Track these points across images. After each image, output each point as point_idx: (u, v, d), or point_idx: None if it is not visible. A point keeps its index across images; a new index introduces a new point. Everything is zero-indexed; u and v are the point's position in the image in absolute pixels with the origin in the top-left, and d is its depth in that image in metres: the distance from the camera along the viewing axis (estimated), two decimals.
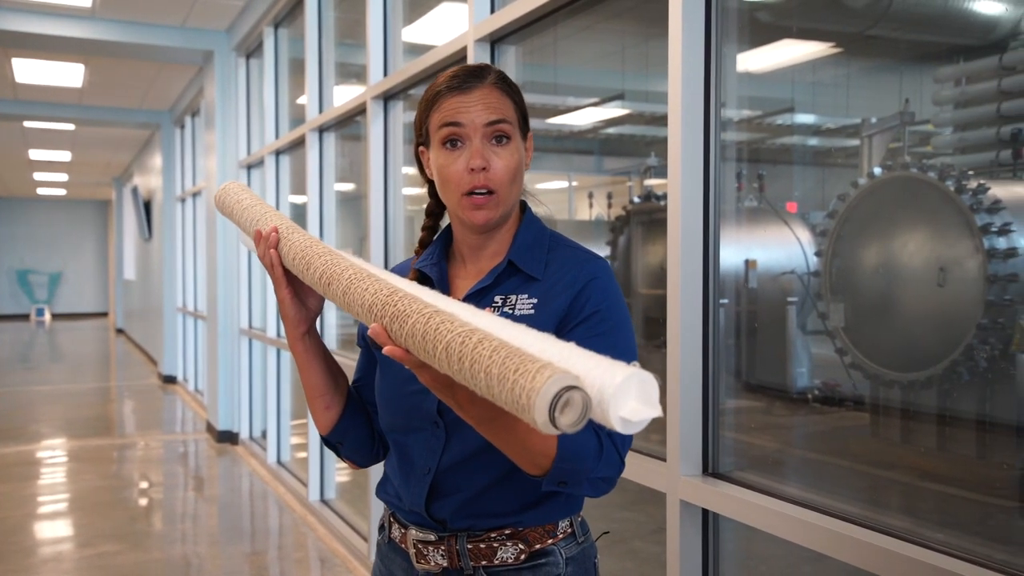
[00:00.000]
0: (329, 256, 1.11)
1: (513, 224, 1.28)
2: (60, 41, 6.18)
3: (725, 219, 2.38)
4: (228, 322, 6.67)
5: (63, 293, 22.61)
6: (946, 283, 4.00)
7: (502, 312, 1.22)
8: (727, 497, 1.73)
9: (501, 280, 1.25)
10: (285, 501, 5.12)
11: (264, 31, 5.78)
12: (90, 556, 4.11)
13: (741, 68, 4.83)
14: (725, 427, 1.95)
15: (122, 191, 16.46)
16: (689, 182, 1.84)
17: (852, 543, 1.51)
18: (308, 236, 1.20)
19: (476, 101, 1.20)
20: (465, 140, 1.20)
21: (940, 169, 4.01)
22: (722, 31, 1.86)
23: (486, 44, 2.74)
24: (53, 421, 7.88)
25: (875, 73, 6.71)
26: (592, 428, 1.09)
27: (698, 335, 1.84)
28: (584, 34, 6.37)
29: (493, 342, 0.81)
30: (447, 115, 1.20)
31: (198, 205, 8.88)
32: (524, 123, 1.26)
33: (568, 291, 1.20)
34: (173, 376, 10.12)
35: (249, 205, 1.30)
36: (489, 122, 1.20)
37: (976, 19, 5.03)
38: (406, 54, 3.79)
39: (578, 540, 1.27)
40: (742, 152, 7.33)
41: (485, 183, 1.19)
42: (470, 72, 1.23)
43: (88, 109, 9.38)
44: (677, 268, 1.81)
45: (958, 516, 3.58)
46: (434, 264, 1.30)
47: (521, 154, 1.23)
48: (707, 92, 1.84)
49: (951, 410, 3.99)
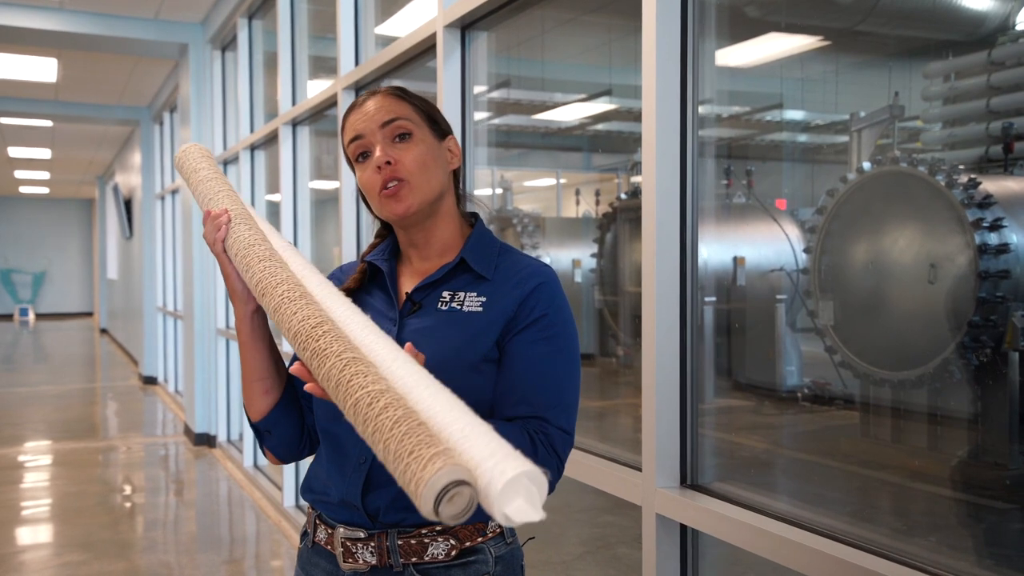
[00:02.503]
0: (268, 263, 1.11)
1: (454, 225, 1.32)
2: (28, 33, 6.01)
3: (712, 216, 2.27)
4: (205, 322, 6.52)
5: (47, 293, 22.36)
6: (937, 280, 3.90)
7: (450, 307, 1.25)
8: (707, 512, 1.61)
9: (450, 276, 1.28)
10: (261, 507, 4.98)
11: (239, 23, 5.63)
12: (56, 566, 3.96)
13: (728, 63, 4.70)
14: (710, 428, 1.83)
15: (105, 189, 16.27)
16: (664, 178, 1.71)
17: (843, 566, 1.39)
18: (254, 231, 1.18)
19: (370, 110, 1.26)
20: (370, 150, 1.25)
21: (931, 164, 3.91)
22: (699, 23, 1.74)
23: (456, 30, 2.60)
24: (33, 424, 7.71)
25: (863, 69, 6.63)
26: (526, 430, 1.17)
27: (675, 337, 1.71)
28: (569, 27, 6.25)
29: (398, 411, 0.81)
30: (349, 132, 1.28)
31: (176, 203, 8.73)
32: (435, 124, 1.30)
33: (515, 292, 1.23)
34: (154, 377, 9.96)
35: (205, 177, 1.30)
36: (384, 123, 1.25)
37: (964, 14, 4.95)
38: (379, 46, 3.66)
39: (507, 540, 1.29)
40: (730, 149, 7.23)
41: (392, 175, 1.23)
42: (367, 93, 1.30)
43: (65, 105, 9.20)
44: (652, 267, 1.69)
45: (949, 518, 3.49)
46: (385, 260, 1.33)
47: (432, 147, 1.27)
48: (683, 86, 1.73)
49: (942, 409, 3.90)
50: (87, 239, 22.61)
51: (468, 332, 1.22)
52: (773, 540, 1.50)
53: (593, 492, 1.31)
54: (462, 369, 1.20)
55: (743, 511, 1.59)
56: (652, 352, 1.70)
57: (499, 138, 8.44)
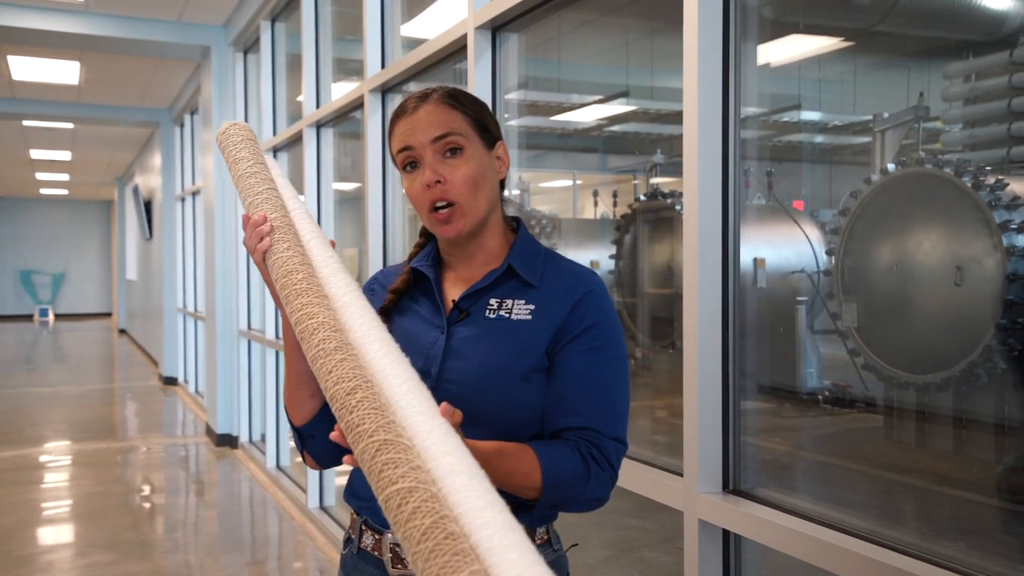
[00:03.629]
0: (305, 298, 1.09)
1: (499, 233, 1.30)
2: (54, 36, 6.06)
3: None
4: (227, 323, 6.55)
5: (66, 293, 22.53)
6: (963, 282, 3.86)
7: (498, 315, 1.23)
8: (750, 517, 1.59)
9: (498, 283, 1.26)
10: (284, 508, 4.99)
11: (261, 25, 5.65)
12: (83, 566, 3.99)
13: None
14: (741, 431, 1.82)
15: (124, 191, 16.38)
16: (706, 180, 1.70)
17: (890, 572, 1.38)
18: (294, 249, 1.16)
19: (422, 120, 1.23)
20: (419, 161, 1.23)
21: (956, 164, 3.88)
22: (741, 22, 1.72)
23: (487, 31, 2.60)
24: (53, 424, 7.77)
25: (882, 69, 6.58)
26: (578, 451, 1.17)
27: (717, 342, 1.70)
28: (587, 29, 6.24)
29: (426, 519, 0.81)
30: (398, 141, 1.25)
31: (197, 204, 8.77)
32: (485, 133, 1.27)
33: (565, 302, 1.23)
34: (174, 378, 10.01)
35: (246, 171, 1.27)
36: (435, 138, 1.22)
37: (985, 14, 4.91)
38: (405, 48, 3.66)
39: (554, 547, 1.28)
40: (745, 149, 7.19)
41: (442, 195, 1.21)
42: (418, 96, 1.27)
43: (86, 107, 9.27)
44: (694, 269, 1.67)
45: (977, 523, 3.45)
46: (429, 266, 1.31)
47: (481, 162, 1.24)
48: (725, 87, 1.71)
49: (968, 412, 3.87)
50: (106, 240, 22.77)
51: (517, 341, 1.21)
52: (822, 546, 1.48)
53: (616, 495, 1.31)
54: (511, 378, 1.20)
55: (789, 517, 1.58)
56: (694, 356, 1.69)
57: (517, 139, 8.43)
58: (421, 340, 1.26)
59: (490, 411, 1.20)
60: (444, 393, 1.21)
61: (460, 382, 1.21)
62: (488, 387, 1.20)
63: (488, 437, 1.19)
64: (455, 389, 1.21)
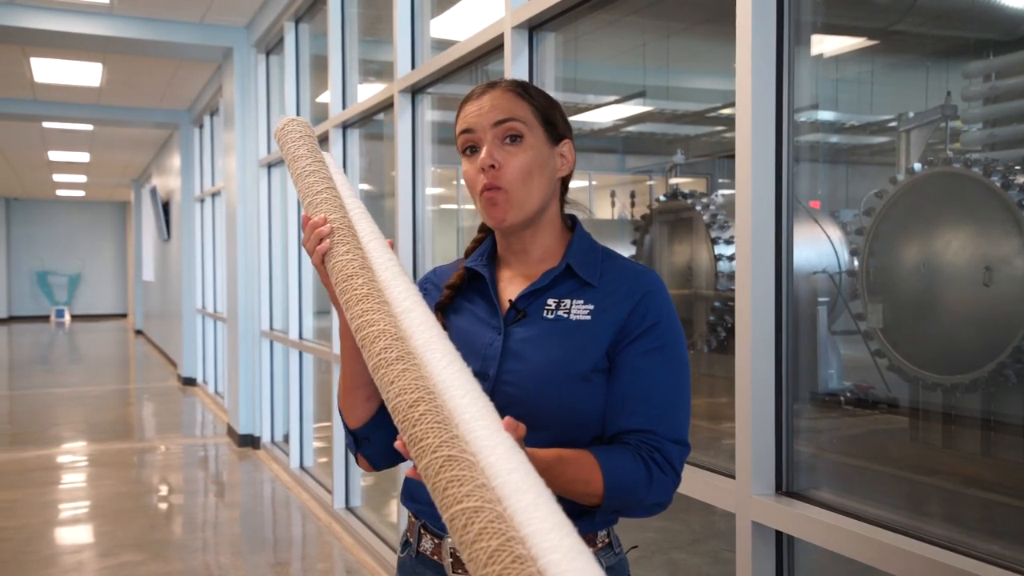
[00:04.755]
0: (365, 303, 1.08)
1: (556, 231, 1.29)
2: (78, 39, 6.10)
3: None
4: (249, 324, 6.57)
5: (82, 294, 22.67)
6: (992, 282, 3.83)
7: (556, 315, 1.22)
8: (805, 519, 1.58)
9: (555, 283, 1.25)
10: (309, 508, 5.00)
11: (285, 26, 5.67)
12: (112, 566, 4.00)
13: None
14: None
15: (141, 192, 16.46)
16: (760, 182, 1.69)
17: (951, 572, 1.36)
18: (353, 254, 1.14)
19: (486, 105, 1.23)
20: (479, 145, 1.23)
21: (985, 164, 3.85)
22: (795, 25, 1.71)
23: (524, 31, 2.59)
24: (73, 424, 7.81)
25: (900, 69, 6.54)
26: (640, 456, 1.16)
27: (771, 343, 1.69)
28: (607, 29, 6.22)
29: (492, 541, 0.80)
30: (461, 123, 1.25)
31: (217, 205, 8.80)
32: (551, 127, 1.26)
33: (626, 302, 1.21)
34: (193, 378, 10.05)
35: (305, 170, 1.25)
36: (496, 122, 1.21)
37: (1004, 13, 4.87)
38: (435, 49, 3.66)
39: (615, 551, 1.27)
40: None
41: (494, 181, 1.20)
42: (485, 84, 1.27)
43: (106, 109, 9.32)
44: (748, 273, 1.66)
45: (1008, 525, 3.42)
46: (484, 265, 1.30)
47: (540, 154, 1.23)
48: (779, 89, 1.70)
49: (996, 414, 3.83)
50: (121, 241, 22.89)
51: (577, 342, 1.20)
52: (879, 547, 1.47)
53: None
54: (571, 379, 1.18)
55: (845, 518, 1.57)
56: (747, 357, 1.68)
57: None
58: (477, 341, 1.25)
59: (549, 413, 1.18)
60: (502, 395, 1.20)
61: (519, 384, 1.20)
62: (547, 389, 1.19)
63: (547, 439, 1.18)
64: (513, 391, 1.20)
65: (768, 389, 1.70)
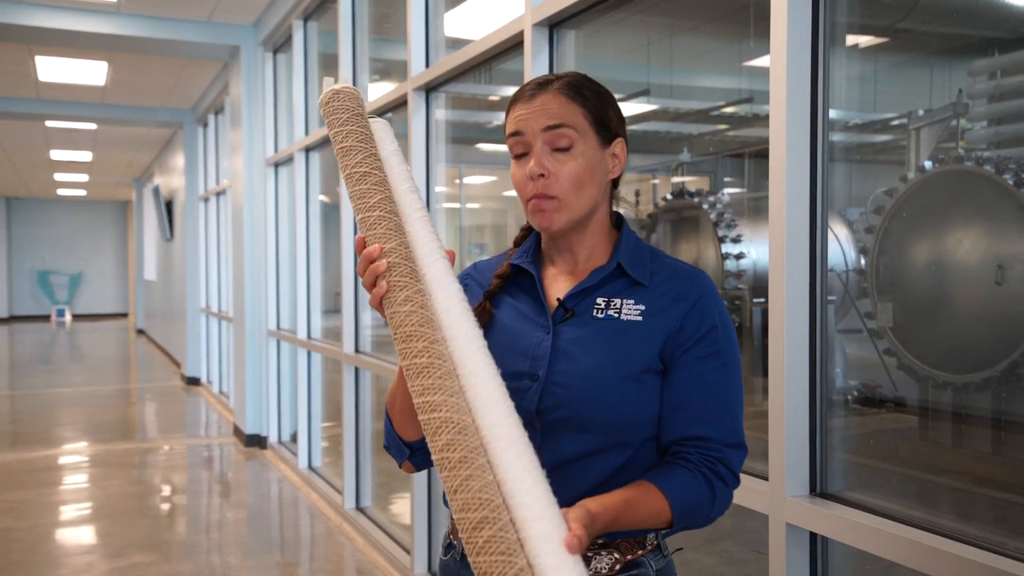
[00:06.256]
0: (420, 359, 1.04)
1: (604, 230, 1.27)
2: (84, 37, 6.08)
3: (763, 216, 2.19)
4: (256, 324, 6.55)
5: (83, 294, 22.65)
6: (1004, 281, 3.82)
7: (606, 315, 1.20)
8: (840, 520, 1.57)
9: (605, 282, 1.23)
10: (318, 508, 4.98)
11: (293, 24, 5.64)
12: (123, 567, 3.99)
13: (758, 63, 4.64)
14: (762, 430, 1.79)
15: (142, 191, 16.43)
16: (794, 182, 1.68)
17: (987, 572, 1.35)
18: (413, 301, 1.08)
19: (538, 108, 1.20)
20: (529, 149, 1.20)
21: (997, 162, 3.84)
22: (830, 25, 1.69)
23: (544, 28, 2.57)
24: (77, 424, 7.80)
25: (905, 67, 6.53)
26: (702, 474, 1.17)
27: (804, 345, 1.67)
28: (610, 28, 6.21)
29: None
30: (511, 126, 1.22)
31: (222, 204, 8.78)
32: (603, 129, 1.22)
33: (680, 304, 1.20)
34: (197, 378, 10.03)
35: (357, 167, 1.15)
36: (546, 127, 1.19)
37: (1009, 11, 4.86)
38: (449, 48, 3.64)
39: (664, 553, 1.26)
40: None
41: (544, 190, 1.19)
42: (539, 82, 1.23)
43: (110, 108, 9.29)
44: (782, 274, 1.65)
45: (1020, 523, 3.41)
46: (530, 262, 1.28)
47: (591, 160, 1.20)
48: (814, 89, 1.69)
49: (1007, 413, 3.82)
50: (122, 241, 22.87)
51: (628, 342, 1.18)
52: (914, 547, 1.46)
53: None
54: (622, 380, 1.17)
55: (881, 519, 1.55)
56: (781, 358, 1.66)
57: None
58: (524, 340, 1.23)
59: (600, 414, 1.17)
60: (552, 396, 1.18)
61: (569, 385, 1.18)
62: (598, 390, 1.17)
63: (598, 440, 1.18)
64: (563, 392, 1.18)
65: (802, 390, 1.68)
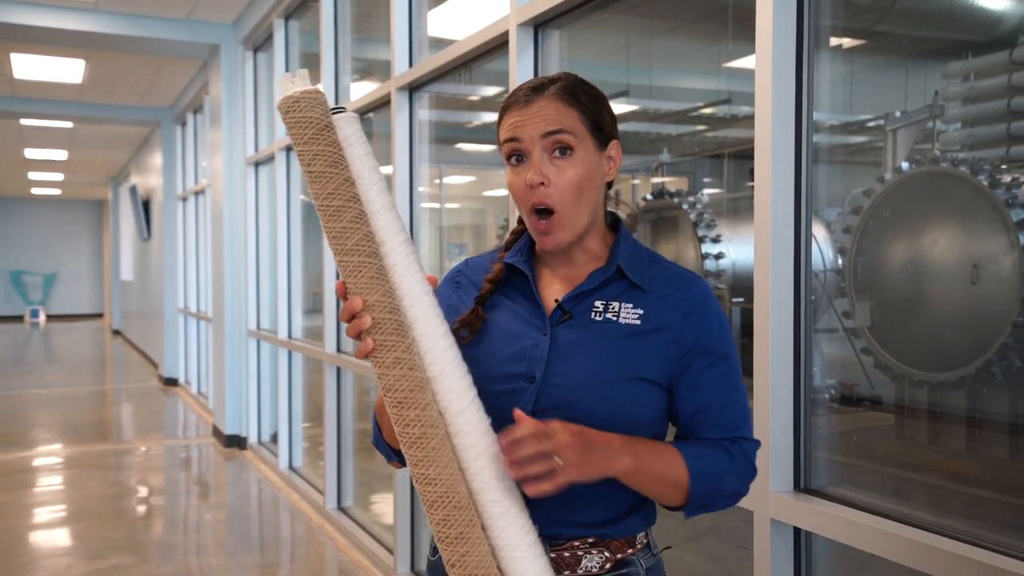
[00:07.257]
0: (421, 450, 1.08)
1: (600, 233, 1.26)
2: (61, 35, 6.01)
3: (745, 216, 2.21)
4: (235, 324, 6.51)
5: (58, 294, 22.37)
6: (979, 280, 3.87)
7: (604, 318, 1.20)
8: (824, 515, 1.59)
9: (604, 285, 1.23)
10: (299, 509, 4.96)
11: (274, 23, 5.62)
12: (102, 569, 3.95)
13: (740, 64, 4.65)
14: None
15: (119, 190, 16.26)
16: (779, 182, 1.70)
17: (969, 565, 1.38)
18: (401, 372, 1.09)
19: (534, 113, 1.18)
20: (526, 155, 1.19)
21: (972, 163, 3.89)
22: (815, 26, 1.72)
23: (530, 28, 2.58)
24: (53, 426, 7.71)
25: (881, 69, 6.61)
26: (721, 446, 1.20)
27: (789, 344, 1.70)
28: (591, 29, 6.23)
29: None
30: (507, 131, 1.20)
31: (201, 204, 8.71)
32: (599, 132, 1.22)
33: (678, 310, 1.20)
34: (175, 379, 9.95)
35: (330, 196, 1.08)
36: (545, 133, 1.17)
37: (983, 14, 4.93)
38: (433, 47, 3.64)
39: (653, 551, 1.27)
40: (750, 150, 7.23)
41: (544, 199, 1.17)
42: (533, 86, 1.21)
43: (87, 106, 9.19)
44: (767, 273, 1.67)
45: (994, 519, 3.47)
46: (525, 262, 1.27)
47: (590, 165, 1.19)
48: (798, 91, 1.72)
49: (981, 411, 3.88)
50: (98, 241, 22.62)
51: (627, 346, 1.19)
52: (899, 542, 1.48)
53: None
54: (620, 383, 1.18)
55: (865, 515, 1.58)
56: (766, 356, 1.69)
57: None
58: (520, 341, 1.22)
59: (598, 416, 1.17)
60: (549, 399, 1.18)
61: (567, 387, 1.18)
62: (596, 392, 1.18)
63: None
64: (561, 394, 1.18)
65: (787, 388, 1.71)
